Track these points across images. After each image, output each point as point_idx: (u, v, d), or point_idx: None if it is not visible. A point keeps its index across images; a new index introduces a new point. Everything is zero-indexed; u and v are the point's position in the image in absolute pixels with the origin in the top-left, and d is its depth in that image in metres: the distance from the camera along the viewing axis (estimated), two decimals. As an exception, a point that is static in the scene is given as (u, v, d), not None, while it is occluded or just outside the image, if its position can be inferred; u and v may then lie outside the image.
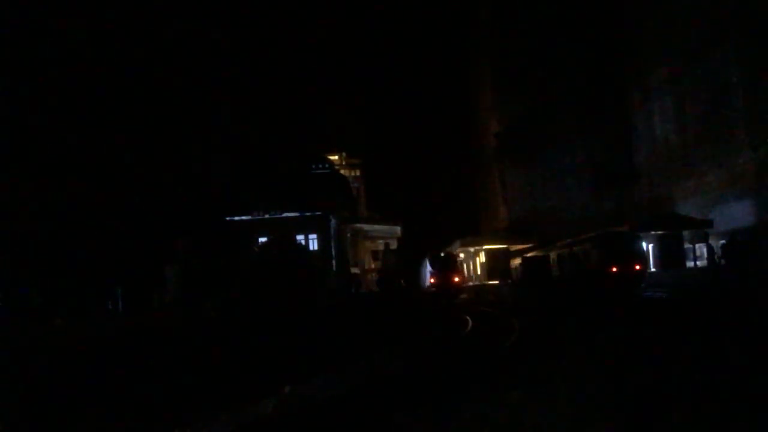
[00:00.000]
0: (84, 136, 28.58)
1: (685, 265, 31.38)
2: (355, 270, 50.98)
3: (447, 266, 36.17)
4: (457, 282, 36.75)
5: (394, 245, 58.42)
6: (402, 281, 43.65)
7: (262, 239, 38.71)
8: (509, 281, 42.51)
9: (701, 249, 32.15)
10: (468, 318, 22.19)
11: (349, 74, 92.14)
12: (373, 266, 58.11)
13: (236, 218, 43.56)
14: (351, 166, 70.99)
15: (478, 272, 57.13)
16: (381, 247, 58.07)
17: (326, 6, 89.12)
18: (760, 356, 9.60)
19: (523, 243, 50.78)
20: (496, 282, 45.80)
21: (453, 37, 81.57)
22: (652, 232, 32.63)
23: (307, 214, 44.53)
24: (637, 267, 28.23)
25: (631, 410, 6.95)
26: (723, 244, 30.17)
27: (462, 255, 62.43)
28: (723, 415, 6.57)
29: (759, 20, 34.61)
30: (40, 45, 27.51)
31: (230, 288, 26.78)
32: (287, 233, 39.07)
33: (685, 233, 32.70)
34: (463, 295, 37.65)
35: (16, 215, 25.96)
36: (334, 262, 44.79)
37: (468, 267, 63.28)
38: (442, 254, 38.67)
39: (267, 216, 44.17)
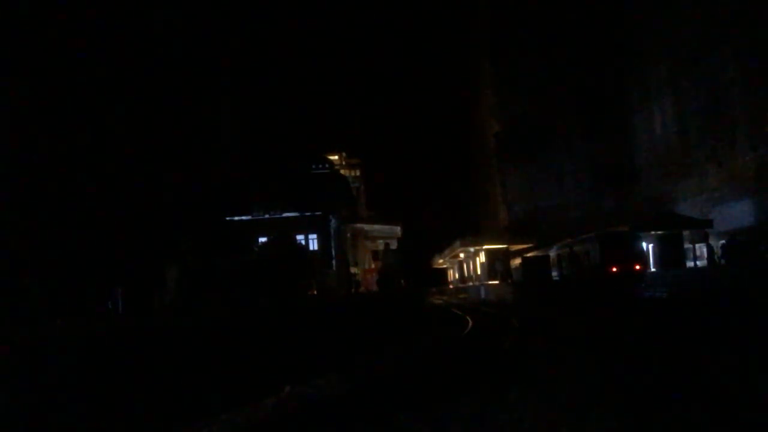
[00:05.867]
0: (84, 134, 28.58)
1: (685, 265, 31.32)
2: (354, 270, 50.90)
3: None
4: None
5: (394, 245, 58.33)
6: (402, 281, 43.62)
7: (262, 239, 38.65)
8: (509, 281, 42.52)
9: (701, 249, 32.10)
10: (468, 318, 22.24)
11: (349, 74, 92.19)
12: (373, 266, 58.01)
13: (236, 218, 43.54)
14: (351, 166, 70.97)
15: (478, 272, 57.09)
16: (381, 247, 57.97)
17: (327, 6, 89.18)
18: (759, 355, 9.61)
19: (523, 243, 50.73)
20: (496, 282, 45.77)
21: (453, 37, 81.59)
22: (652, 232, 32.58)
23: (307, 214, 44.49)
24: (637, 267, 28.23)
25: (630, 410, 6.95)
26: (723, 244, 30.12)
27: (462, 255, 62.63)
28: (715, 414, 6.58)
29: (758, 21, 34.60)
30: (38, 42, 27.52)
31: (230, 288, 26.74)
32: (287, 233, 39.00)
33: (685, 233, 32.64)
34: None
35: (14, 214, 25.97)
36: (334, 262, 44.75)
37: (468, 267, 63.38)
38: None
39: (267, 216, 44.13)
